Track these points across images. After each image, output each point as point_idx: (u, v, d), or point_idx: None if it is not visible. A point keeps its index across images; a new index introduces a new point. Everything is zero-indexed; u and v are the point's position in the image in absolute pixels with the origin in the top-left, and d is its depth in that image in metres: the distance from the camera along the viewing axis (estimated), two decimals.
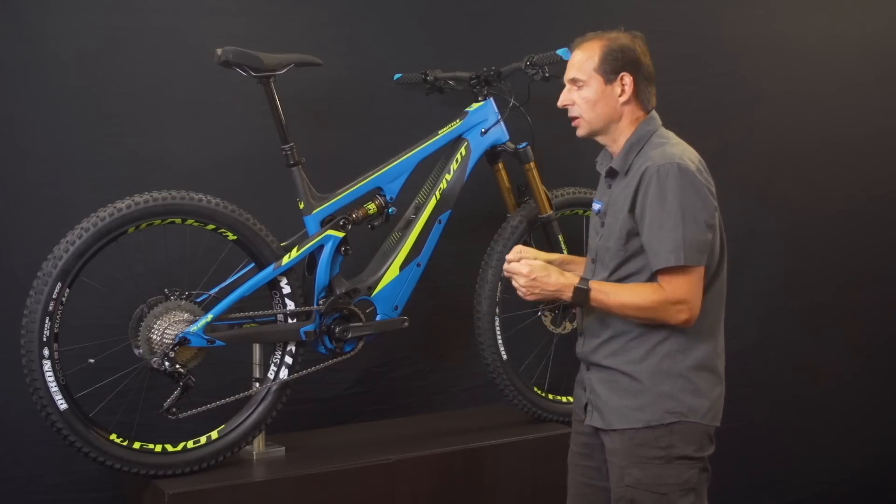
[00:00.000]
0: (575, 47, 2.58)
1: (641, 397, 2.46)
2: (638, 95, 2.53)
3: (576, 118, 2.57)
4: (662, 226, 2.38)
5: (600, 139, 2.58)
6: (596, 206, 2.63)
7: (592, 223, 2.66)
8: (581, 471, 2.65)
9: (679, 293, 2.39)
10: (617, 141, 2.55)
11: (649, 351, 2.46)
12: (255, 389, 2.99)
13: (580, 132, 2.58)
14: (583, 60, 2.53)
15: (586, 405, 2.60)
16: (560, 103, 2.58)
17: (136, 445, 2.78)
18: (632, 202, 2.45)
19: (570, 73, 2.56)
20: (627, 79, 2.51)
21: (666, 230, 2.37)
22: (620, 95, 2.51)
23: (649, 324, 2.44)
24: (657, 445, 2.44)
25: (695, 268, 2.39)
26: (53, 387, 2.65)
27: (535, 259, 2.54)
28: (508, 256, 2.56)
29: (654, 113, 2.56)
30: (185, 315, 2.81)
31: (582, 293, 2.45)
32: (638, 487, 2.45)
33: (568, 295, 2.47)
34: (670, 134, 2.54)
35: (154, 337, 2.77)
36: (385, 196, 3.14)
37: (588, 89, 2.52)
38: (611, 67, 2.50)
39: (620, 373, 2.50)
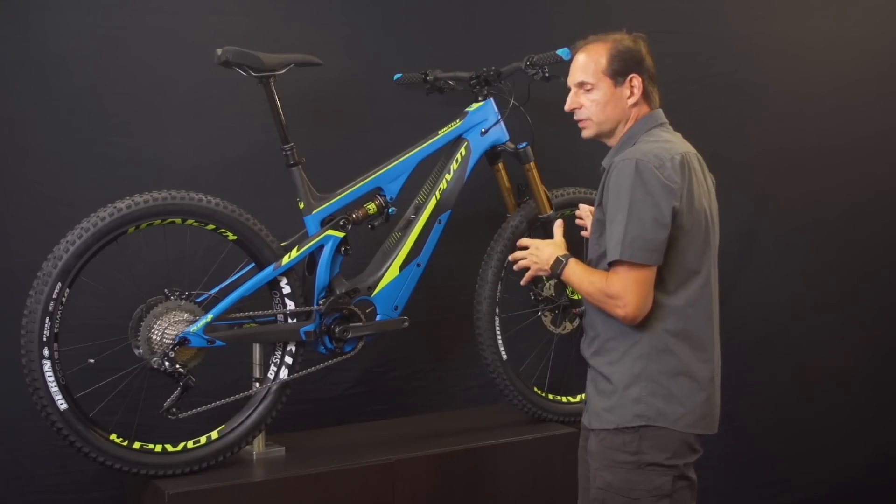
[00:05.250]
0: (578, 50, 2.57)
1: (613, 399, 2.46)
2: (645, 96, 2.53)
3: (582, 120, 2.57)
4: (613, 221, 2.40)
5: (606, 140, 2.59)
6: None
7: None
8: (585, 465, 2.65)
9: (615, 288, 2.39)
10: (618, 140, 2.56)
11: (624, 352, 2.46)
12: (255, 389, 2.99)
13: (587, 133, 2.58)
14: (589, 63, 2.52)
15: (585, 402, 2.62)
16: (567, 107, 2.58)
17: (136, 445, 2.78)
18: (600, 196, 2.49)
19: (576, 77, 2.55)
20: (636, 80, 2.51)
21: (615, 225, 2.39)
22: (629, 97, 2.52)
23: (629, 325, 2.44)
24: (626, 450, 2.43)
25: (639, 266, 2.38)
26: (53, 387, 2.65)
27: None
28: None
29: (654, 112, 2.56)
30: (185, 315, 2.81)
31: (558, 264, 2.54)
32: (609, 490, 2.44)
33: (550, 265, 2.56)
34: (667, 134, 2.53)
35: (154, 337, 2.77)
36: (385, 196, 3.14)
37: (597, 92, 2.52)
38: (619, 69, 2.50)
39: (599, 373, 2.51)
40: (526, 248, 2.65)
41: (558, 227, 2.69)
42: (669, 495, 2.43)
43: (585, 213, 2.81)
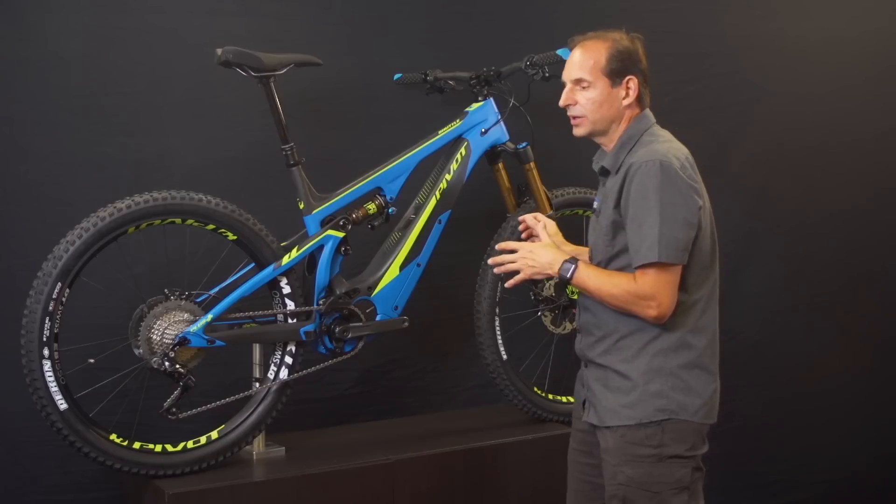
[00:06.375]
0: (575, 45, 2.56)
1: (632, 395, 2.47)
2: (638, 98, 2.54)
3: (577, 118, 2.56)
4: (642, 223, 2.39)
5: (598, 139, 2.59)
6: (594, 204, 2.66)
7: (591, 221, 2.68)
8: (580, 468, 2.66)
9: (648, 289, 2.40)
10: (614, 140, 2.56)
11: (640, 349, 2.47)
12: (255, 389, 2.99)
13: (580, 131, 2.58)
14: (587, 60, 2.51)
15: (584, 402, 2.61)
16: (562, 102, 2.57)
17: (136, 445, 2.78)
18: (617, 198, 2.47)
19: (573, 73, 2.54)
20: (633, 83, 2.51)
21: (645, 227, 2.39)
22: (624, 98, 2.52)
23: (651, 322, 2.44)
24: (648, 444, 2.44)
25: (670, 266, 2.39)
26: (53, 387, 2.65)
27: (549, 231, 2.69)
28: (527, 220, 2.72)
29: (646, 111, 2.56)
30: (185, 315, 2.81)
31: (567, 267, 2.49)
32: (630, 486, 2.46)
33: (556, 269, 2.50)
34: (662, 132, 2.55)
35: (154, 337, 2.77)
36: (385, 196, 3.14)
37: (594, 91, 2.51)
38: (617, 70, 2.50)
39: (613, 371, 2.51)
40: (512, 251, 2.58)
41: (542, 228, 2.68)
42: (688, 487, 2.46)
43: (531, 221, 2.74)
